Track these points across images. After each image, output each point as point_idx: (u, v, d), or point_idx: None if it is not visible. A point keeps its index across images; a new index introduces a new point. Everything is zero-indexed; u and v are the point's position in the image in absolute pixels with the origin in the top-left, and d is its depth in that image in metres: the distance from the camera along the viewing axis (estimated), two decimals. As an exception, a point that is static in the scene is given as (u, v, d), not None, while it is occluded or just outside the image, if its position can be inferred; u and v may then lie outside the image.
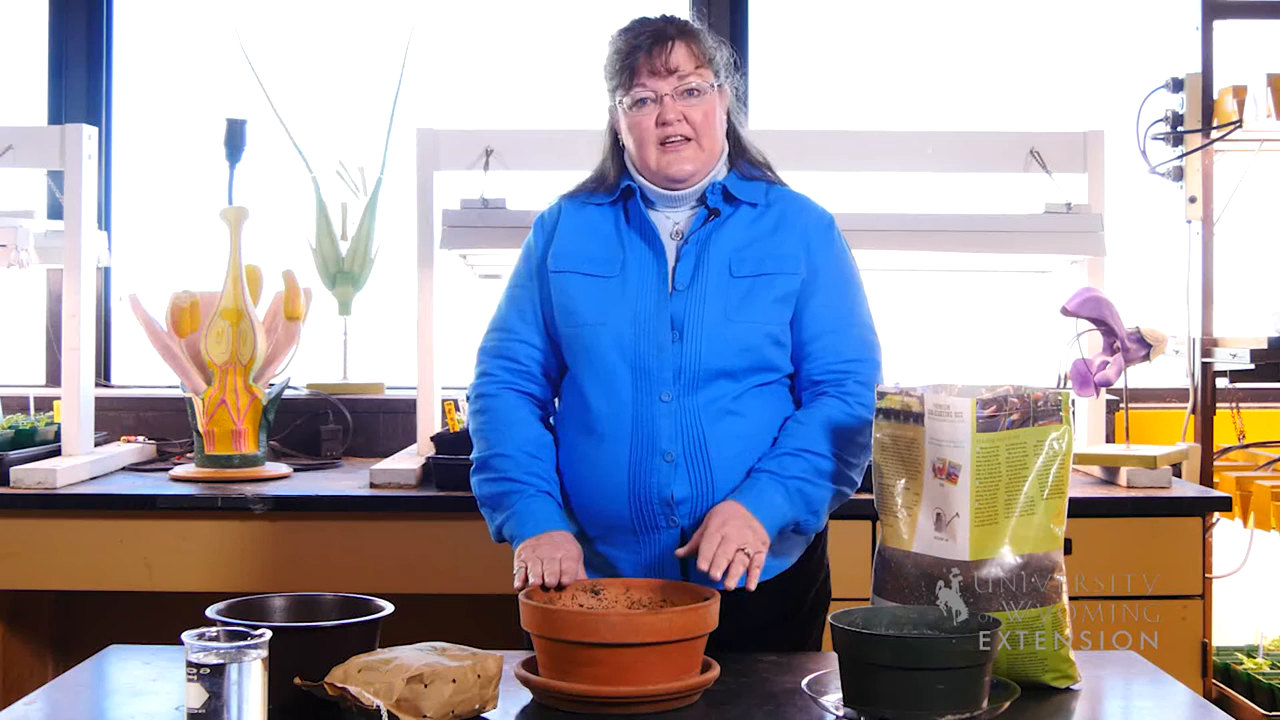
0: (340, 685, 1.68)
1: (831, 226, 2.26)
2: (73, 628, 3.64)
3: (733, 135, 2.26)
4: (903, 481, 1.93)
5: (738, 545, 1.99)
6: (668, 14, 2.22)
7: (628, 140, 2.21)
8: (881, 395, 1.97)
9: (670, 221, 2.23)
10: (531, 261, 2.28)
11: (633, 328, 2.15)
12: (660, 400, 2.14)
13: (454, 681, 1.71)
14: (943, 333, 3.94)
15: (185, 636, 1.56)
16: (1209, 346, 3.45)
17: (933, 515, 1.89)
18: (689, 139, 2.17)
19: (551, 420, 2.27)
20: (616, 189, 2.24)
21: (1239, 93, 3.40)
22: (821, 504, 2.14)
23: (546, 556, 2.02)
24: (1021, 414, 1.88)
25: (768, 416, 2.18)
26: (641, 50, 2.14)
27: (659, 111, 2.15)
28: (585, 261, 2.21)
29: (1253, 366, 3.27)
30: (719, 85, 2.19)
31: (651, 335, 2.15)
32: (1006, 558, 1.87)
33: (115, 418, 3.74)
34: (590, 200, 2.27)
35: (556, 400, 2.29)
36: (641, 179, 2.22)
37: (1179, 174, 3.50)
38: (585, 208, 2.27)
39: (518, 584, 2.01)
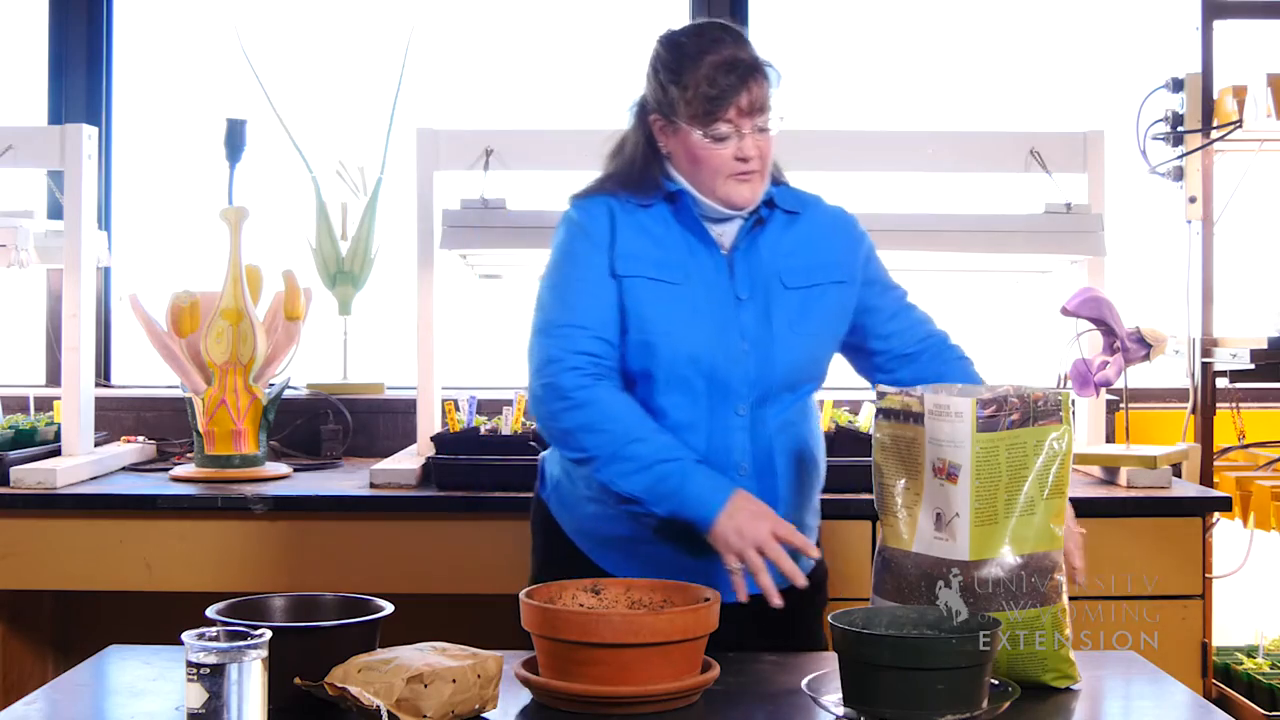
0: (340, 685, 1.68)
1: (855, 221, 2.34)
2: (73, 628, 3.64)
3: None
4: (903, 481, 1.93)
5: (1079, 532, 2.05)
6: (726, 25, 2.18)
7: (684, 161, 2.18)
8: (881, 395, 1.97)
9: (717, 229, 2.21)
10: (598, 248, 2.17)
11: (707, 339, 2.14)
12: (736, 414, 2.14)
13: (454, 681, 1.71)
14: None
15: (185, 636, 1.56)
16: (1209, 346, 3.45)
17: (933, 515, 1.89)
18: (759, 170, 2.16)
19: None
20: (657, 192, 2.20)
21: (1239, 93, 3.40)
22: None
23: (763, 540, 1.98)
24: (1021, 414, 1.88)
25: (810, 425, 2.26)
26: (733, 92, 2.11)
27: (738, 147, 2.13)
28: (652, 266, 2.16)
29: (1253, 366, 3.27)
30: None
31: (726, 347, 2.14)
32: (1006, 558, 1.87)
33: (115, 418, 3.74)
34: (631, 201, 2.21)
35: None
36: (697, 194, 2.19)
37: (1179, 174, 3.50)
38: (634, 210, 2.21)
39: (742, 597, 2.00)
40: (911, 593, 1.90)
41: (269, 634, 1.59)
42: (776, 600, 1.99)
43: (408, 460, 3.28)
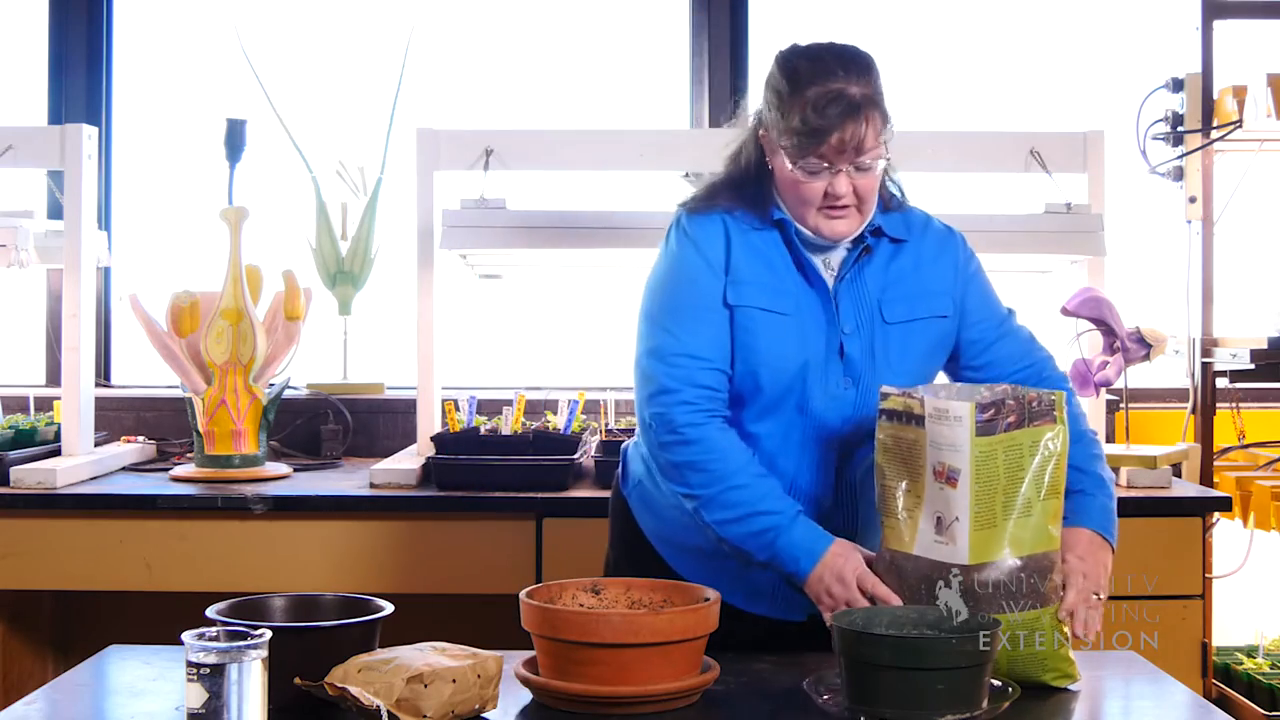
0: (340, 685, 1.68)
1: (962, 241, 2.23)
2: (73, 628, 3.64)
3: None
4: (904, 484, 1.93)
5: (1094, 591, 1.97)
6: (849, 54, 2.08)
7: (781, 184, 2.11)
8: (884, 396, 1.96)
9: (821, 258, 2.14)
10: (715, 274, 2.10)
11: (812, 374, 2.09)
12: (829, 449, 2.11)
13: (454, 681, 1.71)
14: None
15: (185, 636, 1.56)
16: (1209, 346, 3.45)
17: (933, 519, 1.89)
18: (852, 205, 2.08)
19: None
20: (769, 217, 2.12)
21: (1239, 93, 3.40)
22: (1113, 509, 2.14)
23: (854, 601, 1.95)
24: (1018, 415, 1.88)
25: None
26: (833, 130, 2.01)
27: (830, 183, 2.04)
28: (763, 295, 2.09)
29: (1253, 366, 3.27)
30: (889, 137, 2.08)
31: (827, 384, 2.10)
32: (1006, 560, 1.87)
33: (115, 418, 3.74)
34: (745, 221, 2.13)
35: None
36: (792, 220, 2.12)
37: (1179, 174, 3.50)
38: (748, 232, 2.12)
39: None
40: (912, 595, 1.90)
41: (269, 634, 1.59)
42: None
43: (408, 460, 3.28)
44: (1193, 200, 3.47)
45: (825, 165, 2.03)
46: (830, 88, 2.02)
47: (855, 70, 2.05)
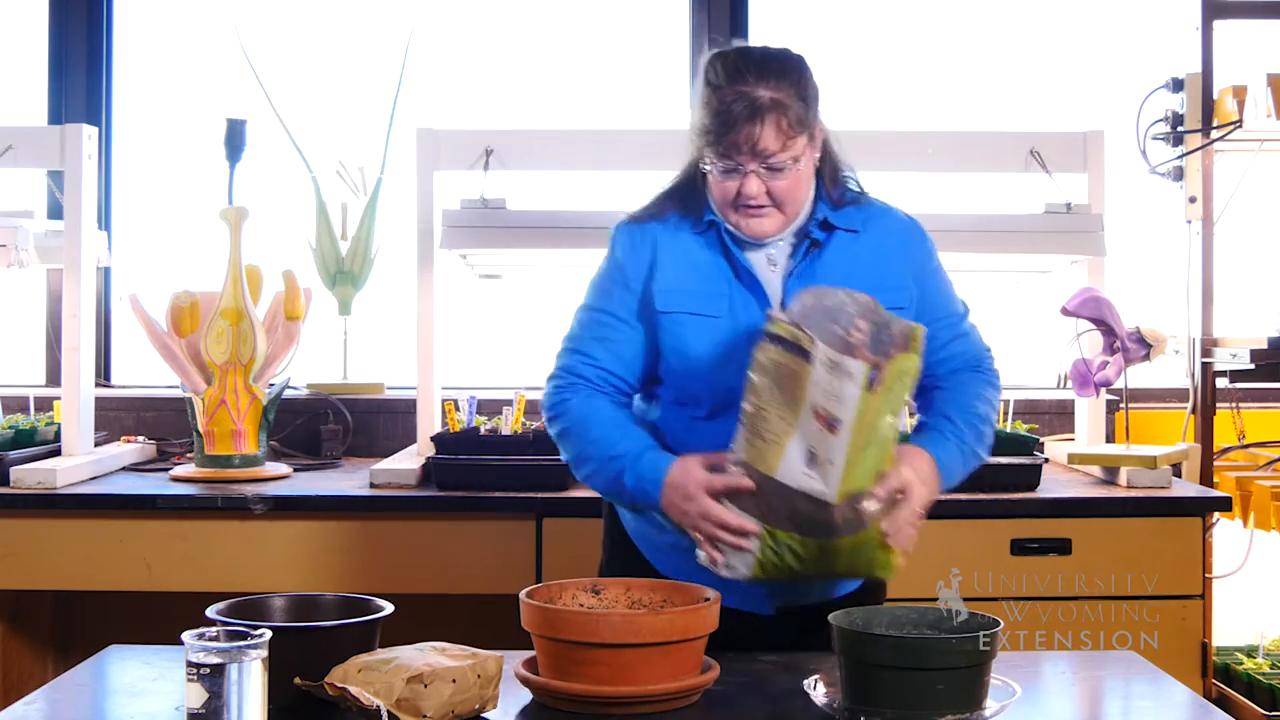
0: (340, 685, 1.68)
1: (923, 234, 2.24)
2: (73, 628, 3.64)
3: (828, 165, 2.18)
4: (778, 409, 1.94)
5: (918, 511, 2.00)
6: (770, 59, 2.09)
7: (710, 186, 2.13)
8: (772, 320, 1.96)
9: (764, 254, 2.16)
10: (628, 297, 2.16)
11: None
12: None
13: (454, 681, 1.71)
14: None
15: (185, 636, 1.56)
16: (1209, 346, 3.45)
17: (805, 452, 1.92)
18: (769, 205, 2.10)
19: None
20: (703, 219, 2.15)
21: (1239, 93, 3.40)
22: (972, 470, 2.15)
23: (696, 522, 1.98)
24: (876, 343, 1.92)
25: None
26: (730, 129, 2.04)
27: (742, 183, 2.07)
28: (693, 300, 2.12)
29: (1253, 366, 3.27)
30: (810, 139, 2.10)
31: None
32: (865, 491, 1.92)
33: (115, 418, 3.74)
34: (682, 227, 2.16)
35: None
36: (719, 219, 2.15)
37: (1179, 174, 3.50)
38: (679, 234, 2.16)
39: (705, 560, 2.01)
40: (765, 512, 1.94)
41: (269, 634, 1.59)
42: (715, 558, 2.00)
43: (408, 460, 3.28)
44: (1193, 200, 3.47)
45: (735, 165, 2.07)
46: (738, 90, 2.06)
47: (770, 75, 2.07)
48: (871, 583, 2.19)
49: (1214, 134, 3.41)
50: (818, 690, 1.80)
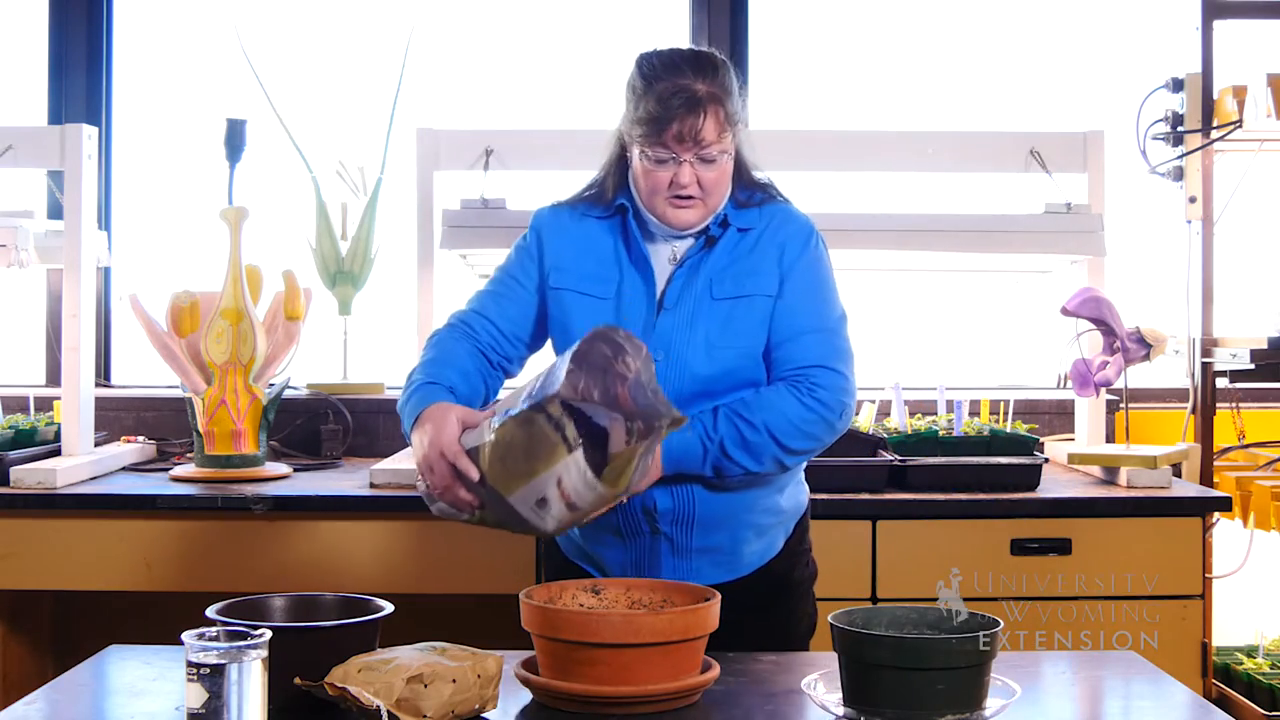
0: (340, 685, 1.68)
1: (809, 235, 2.27)
2: (73, 628, 3.64)
3: (739, 166, 2.27)
4: (526, 461, 1.96)
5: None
6: (701, 57, 2.19)
7: (637, 175, 2.23)
8: (551, 401, 1.94)
9: (669, 248, 2.26)
10: (530, 265, 2.31)
11: None
12: None
13: (454, 681, 1.71)
14: (943, 333, 3.94)
15: (185, 636, 1.56)
16: (1209, 346, 3.45)
17: (540, 497, 1.96)
18: (698, 196, 2.20)
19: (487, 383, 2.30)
20: (613, 204, 2.27)
21: (1239, 93, 3.40)
22: (732, 471, 2.16)
23: (430, 464, 2.05)
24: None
25: None
26: (673, 119, 2.14)
27: (675, 173, 2.17)
28: (582, 280, 2.26)
29: (1253, 366, 3.27)
30: (734, 137, 2.20)
31: None
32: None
33: (115, 418, 3.74)
34: (590, 213, 2.30)
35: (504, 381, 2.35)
36: (644, 209, 2.24)
37: (1179, 174, 3.50)
38: (585, 220, 2.30)
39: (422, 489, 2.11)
40: (486, 503, 2.01)
41: (269, 634, 1.59)
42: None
43: (408, 460, 3.27)
44: (1193, 200, 3.47)
45: (670, 155, 2.16)
46: (677, 83, 2.16)
47: (704, 71, 2.18)
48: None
49: (1214, 134, 3.41)
50: (817, 690, 1.80)
